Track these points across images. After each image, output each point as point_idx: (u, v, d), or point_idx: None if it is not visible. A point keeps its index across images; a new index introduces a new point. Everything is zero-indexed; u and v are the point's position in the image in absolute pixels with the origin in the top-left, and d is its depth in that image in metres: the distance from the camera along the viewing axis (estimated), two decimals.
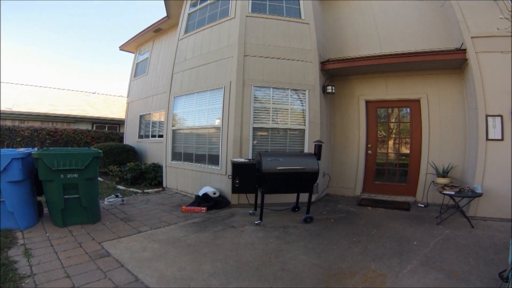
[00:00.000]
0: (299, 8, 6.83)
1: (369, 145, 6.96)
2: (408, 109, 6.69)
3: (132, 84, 13.02)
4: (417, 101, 6.44)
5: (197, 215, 5.36)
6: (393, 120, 7.06)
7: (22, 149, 4.88)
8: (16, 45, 77.30)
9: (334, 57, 7.17)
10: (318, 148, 5.09)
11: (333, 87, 6.74)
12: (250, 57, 6.26)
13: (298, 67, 6.42)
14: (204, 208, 5.58)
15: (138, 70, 12.82)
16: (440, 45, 6.02)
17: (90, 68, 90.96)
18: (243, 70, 6.16)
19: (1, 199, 4.13)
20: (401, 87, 6.63)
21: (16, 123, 14.47)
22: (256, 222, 4.82)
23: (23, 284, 2.80)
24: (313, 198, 5.56)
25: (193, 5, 8.09)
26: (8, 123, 14.03)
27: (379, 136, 7.06)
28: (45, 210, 5.05)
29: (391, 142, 7.06)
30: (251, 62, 6.25)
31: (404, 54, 6.06)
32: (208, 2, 7.57)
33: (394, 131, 7.03)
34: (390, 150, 7.04)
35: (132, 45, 12.96)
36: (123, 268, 3.20)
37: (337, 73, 7.06)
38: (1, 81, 20.29)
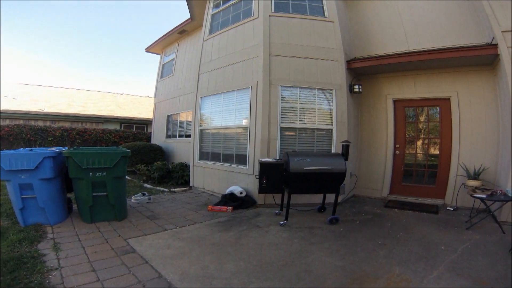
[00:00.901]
0: (322, 6, 6.74)
1: (397, 145, 6.78)
2: (438, 108, 6.46)
3: (159, 85, 13.27)
4: (447, 100, 6.20)
5: (222, 215, 5.39)
6: (422, 120, 6.83)
7: (53, 148, 5.08)
8: (49, 48, 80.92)
9: (360, 55, 7.04)
10: (346, 148, 5.01)
11: (360, 86, 6.62)
12: (276, 57, 6.24)
13: (324, 66, 6.34)
14: (230, 208, 5.61)
15: (164, 71, 13.05)
16: (469, 41, 5.77)
17: (118, 69, 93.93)
18: (269, 70, 6.15)
19: (33, 195, 4.32)
20: (430, 85, 6.40)
21: (48, 124, 15.08)
22: (281, 222, 4.79)
23: (50, 276, 2.93)
24: (340, 199, 5.47)
25: (216, 6, 8.16)
26: (40, 123, 14.69)
27: (408, 136, 6.86)
28: (74, 206, 5.24)
29: (419, 143, 6.84)
30: (277, 61, 6.23)
31: (433, 50, 5.84)
32: (231, 2, 7.61)
33: (423, 131, 6.81)
34: (418, 151, 6.82)
35: (158, 47, 13.21)
36: (147, 264, 3.27)
37: (364, 72, 6.92)
38: (30, 83, 21.35)
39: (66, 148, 5.38)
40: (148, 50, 13.68)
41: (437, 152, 6.45)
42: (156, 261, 3.36)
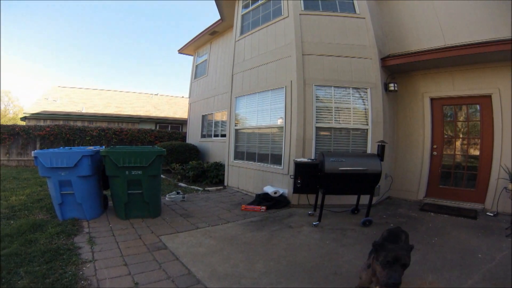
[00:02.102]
0: (353, 2, 6.57)
1: (435, 146, 6.49)
2: (478, 106, 6.11)
3: (193, 85, 13.49)
4: (488, 97, 5.83)
5: (256, 214, 5.40)
6: (460, 119, 6.48)
7: (91, 147, 5.33)
8: (87, 52, 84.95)
9: (394, 52, 6.78)
10: (381, 148, 4.86)
11: (396, 85, 6.41)
12: (309, 56, 6.17)
13: (358, 64, 6.20)
14: (264, 207, 5.61)
15: (198, 72, 13.26)
16: (509, 34, 5.34)
17: (152, 71, 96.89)
18: (303, 69, 6.09)
19: (72, 192, 4.54)
20: (469, 82, 6.04)
21: (86, 124, 15.76)
22: (314, 223, 4.74)
23: (84, 268, 3.06)
24: (374, 200, 5.31)
25: (245, 6, 8.19)
26: (79, 123, 15.40)
27: (445, 136, 6.53)
28: (110, 203, 5.42)
29: (458, 143, 6.50)
30: (310, 60, 6.15)
31: (472, 44, 5.48)
32: (260, 2, 7.60)
33: (462, 130, 6.46)
34: (457, 152, 6.48)
35: (190, 48, 13.45)
36: (177, 261, 3.33)
37: (399, 69, 6.68)
38: (59, 85, 22.44)
39: (103, 147, 5.65)
40: (180, 51, 13.97)
41: (477, 153, 6.10)
42: (186, 258, 3.41)
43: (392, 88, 6.38)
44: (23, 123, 17.81)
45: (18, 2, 66.30)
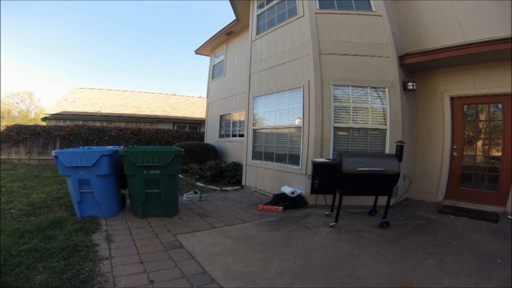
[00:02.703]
0: (369, 0, 6.46)
1: (455, 146, 6.31)
2: (500, 105, 5.90)
3: (211, 85, 13.56)
4: (510, 96, 5.62)
5: (273, 214, 5.39)
6: (482, 118, 6.29)
7: (109, 147, 5.43)
8: (103, 52, 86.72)
9: (412, 50, 6.63)
10: (400, 149, 4.76)
11: (414, 83, 6.27)
12: (325, 55, 6.11)
13: (375, 63, 6.11)
14: (281, 208, 5.60)
15: (215, 72, 13.32)
16: None
17: (170, 72, 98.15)
18: (320, 69, 6.04)
19: (90, 190, 4.63)
20: (491, 79, 5.82)
21: (104, 124, 16.10)
22: (331, 224, 4.69)
23: (100, 265, 3.14)
24: (392, 202, 5.22)
25: (260, 6, 8.19)
26: (97, 123, 15.74)
27: (466, 137, 6.34)
28: (128, 202, 5.53)
29: (479, 143, 6.29)
30: (327, 60, 6.10)
31: (494, 41, 5.26)
32: (274, 2, 7.58)
33: (483, 130, 6.26)
34: (478, 152, 6.27)
35: (207, 48, 13.51)
36: (193, 259, 3.36)
37: (417, 68, 6.52)
38: (78, 87, 22.92)
39: (122, 146, 5.74)
40: (197, 52, 14.06)
41: (498, 154, 5.90)
42: (202, 257, 3.43)
43: (410, 87, 6.24)
44: (44, 123, 18.34)
45: (36, 2, 68.13)
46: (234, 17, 10.15)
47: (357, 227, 4.64)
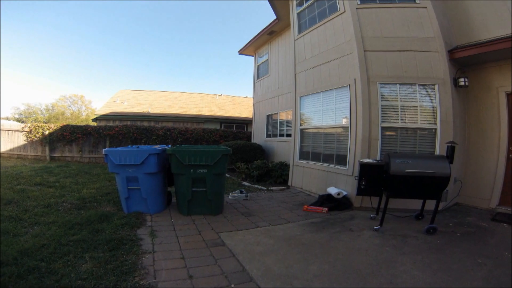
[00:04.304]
0: None
1: (511, 148, 5.82)
2: None
3: (256, 85, 13.63)
4: None
5: (317, 215, 5.33)
6: None
7: (157, 146, 5.67)
8: (152, 56, 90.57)
9: (462, 43, 6.13)
10: (451, 150, 4.47)
11: (466, 79, 5.84)
12: (370, 52, 5.92)
13: (423, 58, 5.79)
14: (326, 209, 5.53)
15: (260, 72, 13.38)
16: None
17: (215, 72, 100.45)
18: (366, 66, 5.87)
19: (138, 187, 4.84)
20: None
21: (152, 124, 16.71)
22: (375, 227, 4.54)
23: (143, 258, 3.28)
24: (440, 206, 4.94)
25: (299, 4, 8.09)
26: (145, 123, 16.36)
27: None
28: (173, 199, 5.71)
29: None
30: (372, 57, 5.91)
31: None
32: None
33: None
34: None
35: (250, 48, 13.60)
36: (233, 258, 3.39)
37: (469, 62, 6.04)
38: (126, 88, 23.89)
39: (169, 146, 5.95)
40: (241, 52, 14.21)
41: None
42: (243, 256, 3.46)
43: (462, 83, 5.83)
44: (94, 123, 19.50)
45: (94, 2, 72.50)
46: (274, 17, 10.14)
47: (402, 232, 4.44)
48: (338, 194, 5.86)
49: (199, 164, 4.84)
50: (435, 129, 5.64)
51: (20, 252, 3.20)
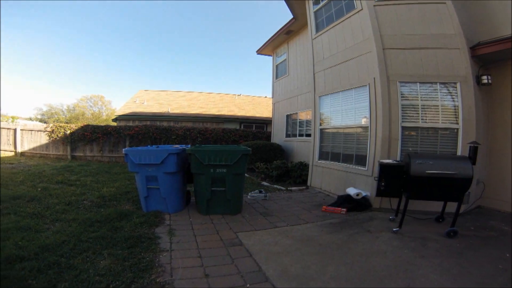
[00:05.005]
0: None
1: None
2: None
3: (275, 85, 13.62)
4: None
5: (335, 216, 5.30)
6: None
7: (176, 146, 5.76)
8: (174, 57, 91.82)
9: (485, 39, 5.85)
10: (473, 150, 4.31)
11: (489, 77, 5.65)
12: (389, 50, 5.83)
13: (444, 56, 5.65)
14: (344, 210, 5.48)
15: (278, 72, 13.36)
16: None
17: (234, 72, 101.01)
18: (385, 65, 5.78)
19: (157, 186, 4.91)
20: None
21: (171, 124, 16.93)
22: (394, 229, 4.46)
23: (160, 256, 3.34)
24: (462, 209, 4.81)
25: (316, 3, 8.04)
26: (165, 123, 16.59)
27: None
28: (192, 199, 5.78)
29: None
30: (391, 55, 5.81)
31: None
32: None
33: None
34: None
35: (268, 48, 13.59)
36: (250, 257, 3.41)
37: (492, 59, 5.81)
38: (146, 89, 24.21)
39: (189, 145, 6.01)
40: (259, 52, 14.23)
41: None
42: (259, 255, 3.47)
43: (485, 81, 5.64)
44: (114, 123, 19.89)
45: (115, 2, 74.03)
46: (291, 16, 10.11)
47: (421, 234, 4.34)
48: (357, 194, 5.79)
49: (218, 164, 4.86)
50: (457, 128, 5.50)
51: (41, 248, 3.32)
